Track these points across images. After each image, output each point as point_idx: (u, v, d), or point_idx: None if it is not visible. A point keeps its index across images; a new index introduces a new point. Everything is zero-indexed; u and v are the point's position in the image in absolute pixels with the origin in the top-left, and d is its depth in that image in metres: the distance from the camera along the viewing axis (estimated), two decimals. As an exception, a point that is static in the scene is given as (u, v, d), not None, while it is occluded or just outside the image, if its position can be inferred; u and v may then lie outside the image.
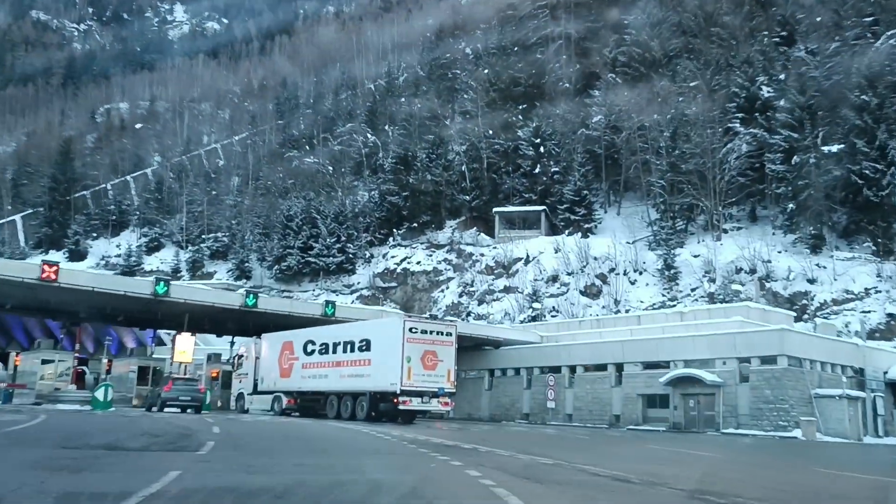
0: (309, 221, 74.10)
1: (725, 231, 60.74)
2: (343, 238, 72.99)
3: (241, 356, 36.61)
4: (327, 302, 38.13)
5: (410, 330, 27.81)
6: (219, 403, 38.08)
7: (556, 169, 71.68)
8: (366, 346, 29.28)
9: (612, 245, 59.57)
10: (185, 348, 35.96)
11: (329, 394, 30.64)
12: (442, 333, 28.85)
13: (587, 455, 15.02)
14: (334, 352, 30.82)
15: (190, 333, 36.34)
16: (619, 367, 37.37)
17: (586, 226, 65.54)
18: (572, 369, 39.81)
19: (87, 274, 36.76)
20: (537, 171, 72.82)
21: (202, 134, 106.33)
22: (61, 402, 34.22)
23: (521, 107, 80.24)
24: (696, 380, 32.10)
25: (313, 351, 31.96)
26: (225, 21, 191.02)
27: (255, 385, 34.80)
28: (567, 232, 65.30)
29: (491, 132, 76.98)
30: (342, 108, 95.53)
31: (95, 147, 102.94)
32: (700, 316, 40.51)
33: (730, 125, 62.33)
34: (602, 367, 38.23)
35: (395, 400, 27.23)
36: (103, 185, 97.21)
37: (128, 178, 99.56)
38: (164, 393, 31.30)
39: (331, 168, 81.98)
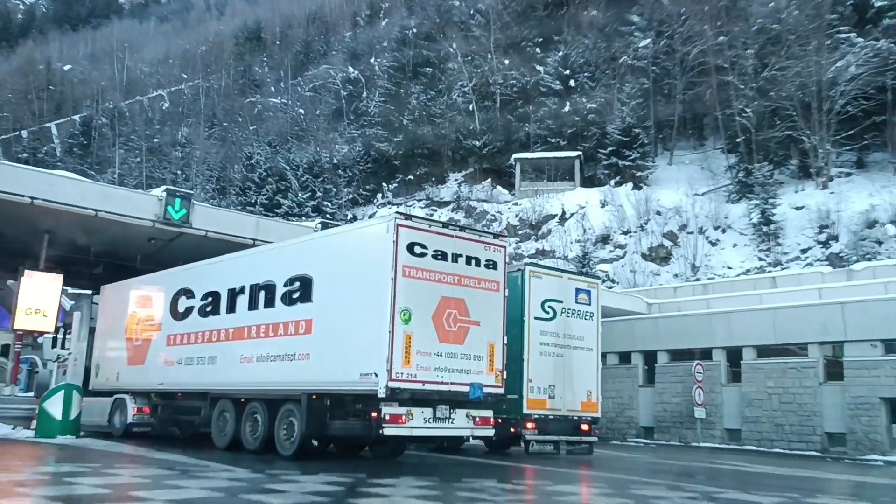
0: (276, 173, 58.75)
1: (831, 178, 44.69)
2: (319, 194, 57.10)
3: (67, 326, 19.86)
4: (326, 225, 20.36)
5: (411, 249, 12.07)
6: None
7: (593, 105, 55.58)
8: (302, 289, 13.36)
9: (684, 196, 43.78)
10: (42, 304, 18.37)
11: (219, 396, 14.80)
12: (479, 262, 12.95)
13: None
14: (231, 308, 14.72)
15: (53, 275, 18.76)
16: (834, 350, 22.31)
17: (639, 174, 49.47)
18: (733, 354, 24.39)
19: None
20: (566, 109, 56.88)
21: (146, 83, 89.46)
22: None
23: (538, 40, 64.01)
24: None
25: (190, 309, 15.83)
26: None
27: (87, 378, 18.33)
28: (614, 182, 49.36)
29: (507, 62, 60.94)
30: (314, 49, 79.00)
31: (13, 89, 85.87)
32: (882, 273, 24.59)
33: (839, 37, 46.24)
34: (797, 350, 22.85)
35: (374, 413, 11.74)
36: (16, 133, 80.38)
37: (50, 124, 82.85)
38: None
39: (302, 111, 65.74)
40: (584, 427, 15.90)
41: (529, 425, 14.95)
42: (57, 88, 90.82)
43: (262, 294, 13.93)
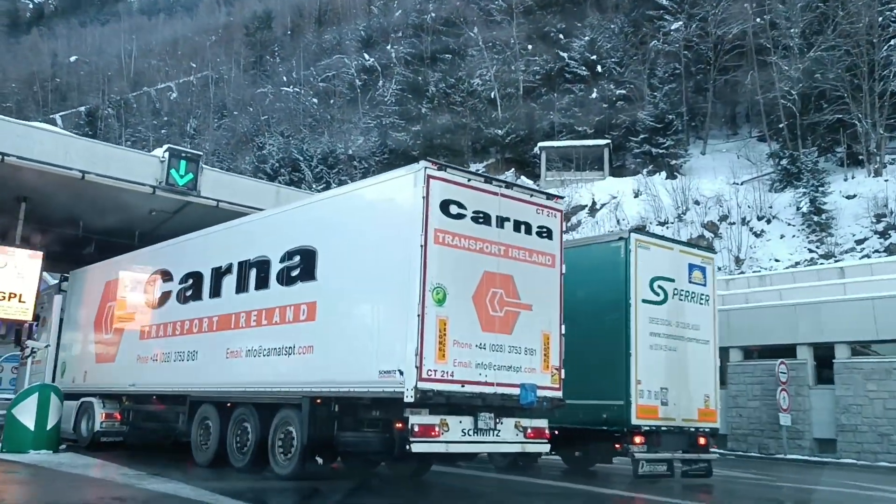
0: (288, 164, 56.43)
1: (884, 165, 41.59)
2: (334, 185, 54.45)
3: (38, 319, 17.04)
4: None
5: (446, 208, 9.39)
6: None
7: (622, 92, 52.74)
8: (303, 265, 10.66)
9: (723, 184, 41.08)
10: (18, 287, 15.40)
11: (200, 400, 12.04)
12: (530, 229, 10.24)
13: None
14: (216, 292, 12.06)
15: (31, 252, 15.88)
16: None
17: (673, 162, 46.56)
18: (822, 351, 21.14)
19: None
20: (594, 96, 54.12)
21: (154, 75, 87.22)
22: None
23: (559, 25, 61.05)
24: None
25: (167, 295, 13.16)
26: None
27: (54, 380, 15.55)
28: (646, 171, 46.49)
29: (530, 47, 58.13)
30: (327, 38, 76.21)
31: (17, 79, 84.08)
32: None
33: (892, 13, 43.11)
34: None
35: (398, 424, 8.95)
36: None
37: (55, 115, 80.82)
38: None
39: (315, 100, 63.22)
40: (702, 441, 12.47)
41: (638, 440, 11.55)
42: (63, 80, 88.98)
43: (253, 273, 11.17)
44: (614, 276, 11.78)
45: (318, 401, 9.73)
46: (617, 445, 11.67)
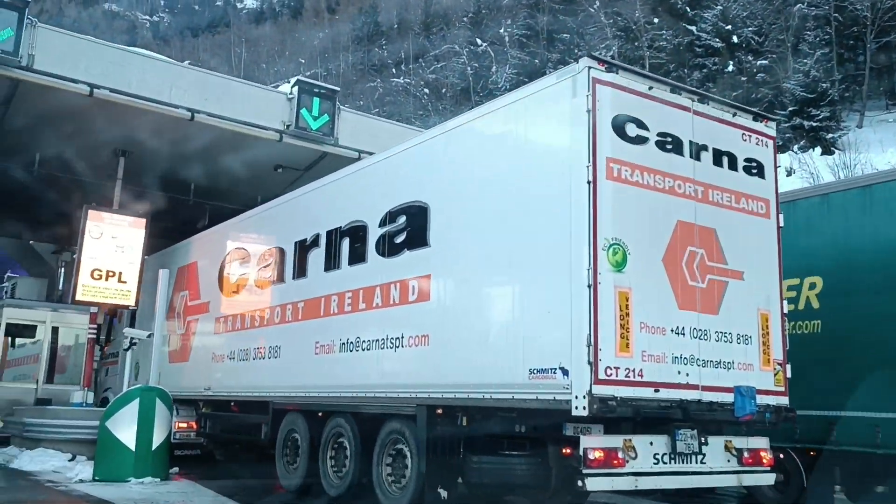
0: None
1: None
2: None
3: (115, 313, 15.01)
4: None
5: (621, 128, 6.35)
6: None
7: (763, 62, 48.19)
8: (410, 227, 7.87)
9: (893, 156, 36.37)
10: (117, 263, 13.30)
11: (285, 408, 9.44)
12: (735, 163, 7.24)
13: None
14: (301, 271, 9.42)
15: (132, 218, 13.71)
16: None
17: (829, 136, 41.83)
18: None
19: None
20: (730, 69, 49.79)
21: (264, 77, 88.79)
22: None
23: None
24: None
25: (244, 278, 10.72)
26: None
27: (128, 385, 13.42)
28: (797, 146, 42.02)
29: (656, 20, 54.21)
30: (435, 30, 74.30)
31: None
32: None
33: None
34: None
35: (566, 448, 6.06)
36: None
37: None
38: None
39: (427, 91, 61.46)
40: None
41: None
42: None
43: (345, 243, 8.65)
44: None
45: (439, 411, 7.02)
46: None
